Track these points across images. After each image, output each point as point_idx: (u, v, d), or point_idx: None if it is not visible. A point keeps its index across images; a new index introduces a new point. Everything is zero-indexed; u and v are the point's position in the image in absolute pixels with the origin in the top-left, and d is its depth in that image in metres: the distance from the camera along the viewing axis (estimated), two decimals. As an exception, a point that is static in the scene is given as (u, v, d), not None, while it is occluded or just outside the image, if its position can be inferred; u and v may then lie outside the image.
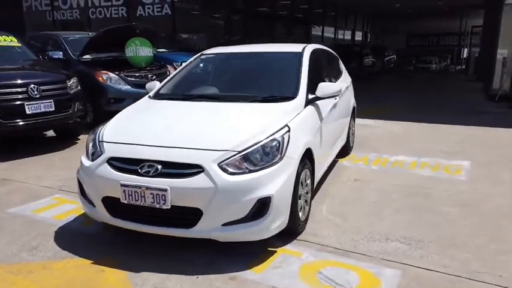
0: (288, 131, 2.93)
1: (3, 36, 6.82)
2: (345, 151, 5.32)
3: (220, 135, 2.84)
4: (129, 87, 7.21)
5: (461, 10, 22.56)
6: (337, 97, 4.26)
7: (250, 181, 2.61)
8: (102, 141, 2.99)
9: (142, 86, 4.56)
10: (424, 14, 24.41)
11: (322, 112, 3.68)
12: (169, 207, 2.61)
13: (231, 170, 2.63)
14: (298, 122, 3.14)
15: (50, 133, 6.71)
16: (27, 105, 5.49)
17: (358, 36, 24.38)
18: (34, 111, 5.55)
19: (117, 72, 7.33)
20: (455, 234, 3.17)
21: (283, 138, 2.85)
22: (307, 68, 3.72)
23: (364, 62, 17.06)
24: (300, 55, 3.86)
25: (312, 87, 3.57)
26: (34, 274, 2.63)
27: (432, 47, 40.26)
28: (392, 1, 18.56)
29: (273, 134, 2.83)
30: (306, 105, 3.41)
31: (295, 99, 3.33)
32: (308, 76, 3.65)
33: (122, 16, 13.39)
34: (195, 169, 2.62)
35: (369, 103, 10.17)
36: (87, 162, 2.97)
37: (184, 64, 4.26)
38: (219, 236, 2.68)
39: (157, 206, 2.63)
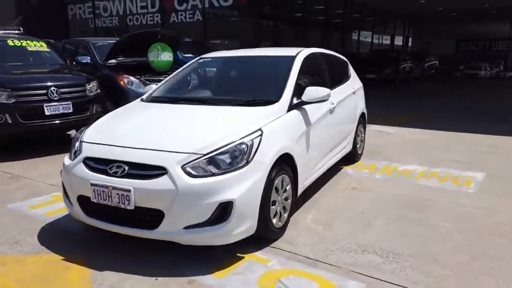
0: (261, 135, 2.88)
1: (34, 42, 7.26)
2: (351, 158, 5.17)
3: (188, 137, 2.84)
4: (149, 91, 7.41)
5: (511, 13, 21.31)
6: (334, 102, 4.16)
7: (212, 184, 2.59)
8: (82, 141, 3.09)
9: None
10: (470, 17, 23.28)
11: (311, 117, 3.59)
12: (133, 207, 2.65)
13: (194, 172, 2.62)
14: (275, 126, 3.09)
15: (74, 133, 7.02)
16: (46, 106, 5.78)
17: (399, 41, 23.63)
18: (53, 113, 5.84)
19: (138, 76, 7.59)
20: (439, 249, 2.97)
21: (253, 142, 2.81)
22: (297, 72, 3.65)
23: (400, 67, 16.50)
24: (291, 59, 3.79)
25: (300, 92, 3.50)
26: (5, 267, 2.75)
27: (483, 52, 38.26)
28: (434, 4, 17.85)
29: (243, 138, 2.80)
30: (289, 110, 3.34)
31: (276, 103, 3.27)
32: (297, 80, 3.58)
33: (157, 22, 13.83)
34: (159, 171, 2.64)
35: (395, 110, 9.87)
36: (67, 161, 3.08)
37: (182, 67, 4.31)
38: (181, 239, 2.67)
39: (123, 206, 2.67)
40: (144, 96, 3.92)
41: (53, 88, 5.87)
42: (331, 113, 4.10)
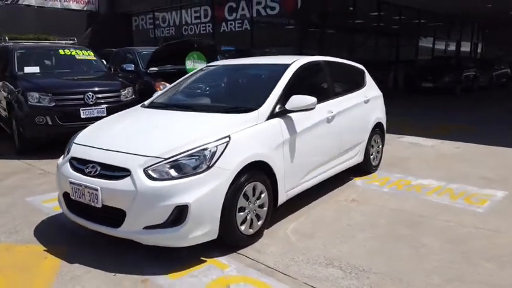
0: (228, 141, 2.93)
1: (83, 51, 7.93)
2: (364, 170, 5.00)
3: (155, 142, 2.97)
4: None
5: None
6: (334, 111, 4.07)
7: (169, 188, 2.69)
8: (73, 143, 3.36)
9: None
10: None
11: (298, 125, 3.55)
12: (100, 206, 2.83)
13: (155, 175, 2.74)
14: (248, 133, 3.12)
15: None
16: (82, 110, 6.28)
17: (467, 47, 22.09)
18: (88, 116, 6.32)
19: (174, 83, 7.95)
20: (411, 269, 2.80)
21: (217, 148, 2.86)
22: (286, 81, 3.64)
23: (462, 75, 15.43)
24: (284, 68, 3.79)
25: (288, 100, 3.48)
26: (3, 253, 3.06)
27: None
28: (503, 8, 16.52)
29: (207, 144, 2.87)
30: (270, 118, 3.35)
31: (255, 111, 3.29)
32: (288, 89, 3.57)
33: (208, 32, 14.35)
34: (124, 172, 2.79)
35: (441, 121, 9.27)
36: (59, 160, 3.36)
37: (187, 75, 4.49)
38: (141, 239, 2.80)
39: (92, 204, 2.87)
40: (145, 102, 4.14)
41: (89, 93, 6.36)
42: (328, 122, 4.01)
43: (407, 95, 15.17)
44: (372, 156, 5.07)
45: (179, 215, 2.70)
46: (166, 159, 2.78)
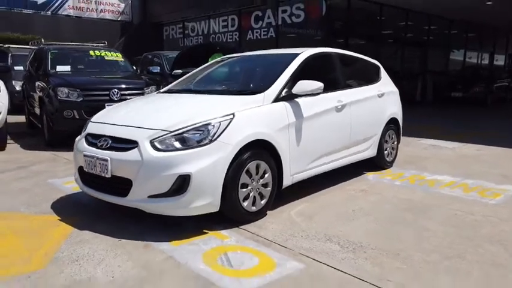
0: (232, 118, 3.04)
1: (112, 53, 8.33)
2: (378, 165, 4.98)
3: (162, 117, 3.12)
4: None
5: None
6: (344, 101, 4.11)
7: (173, 158, 2.82)
8: (90, 121, 3.56)
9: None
10: None
11: (305, 110, 3.62)
12: (109, 176, 2.98)
13: (160, 147, 2.88)
14: (252, 113, 3.22)
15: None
16: (107, 105, 6.55)
17: (501, 59, 21.45)
18: (112, 111, 6.61)
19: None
20: (410, 247, 2.78)
21: (220, 123, 2.98)
22: (294, 68, 3.72)
23: (493, 86, 15.00)
24: (293, 56, 3.88)
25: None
26: (13, 221, 3.26)
27: None
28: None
29: (211, 119, 2.99)
30: (276, 101, 3.44)
31: (261, 93, 3.39)
32: (293, 75, 3.66)
33: (235, 40, 14.66)
34: (132, 144, 2.95)
35: (462, 128, 9.04)
36: (77, 138, 3.56)
37: (203, 66, 4.67)
38: (146, 207, 2.92)
39: (102, 174, 3.03)
40: (161, 89, 4.32)
41: (114, 90, 6.64)
42: (338, 111, 4.06)
43: (435, 105, 14.88)
44: (386, 152, 5.04)
45: (181, 184, 2.81)
46: (171, 132, 2.91)
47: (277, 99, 3.45)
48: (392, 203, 3.75)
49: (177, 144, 2.88)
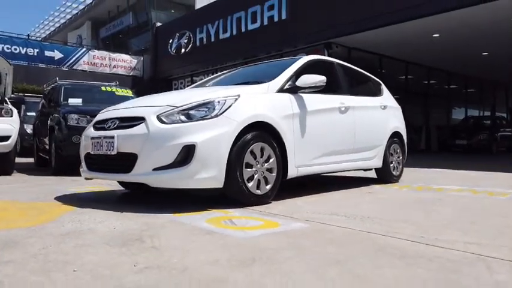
0: (237, 98, 3.12)
1: (122, 89, 8.68)
2: (385, 179, 4.95)
3: (171, 98, 3.22)
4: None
5: None
6: (346, 103, 4.20)
7: (179, 128, 2.86)
8: (99, 113, 3.65)
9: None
10: None
11: (308, 104, 3.70)
12: (115, 153, 3.01)
13: (167, 121, 2.93)
14: (257, 97, 3.31)
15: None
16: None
17: (503, 111, 21.80)
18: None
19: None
20: (419, 218, 2.71)
21: (226, 100, 3.06)
22: (298, 66, 3.87)
23: (497, 134, 15.12)
24: (297, 59, 4.06)
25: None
26: (19, 204, 3.25)
27: None
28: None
29: (218, 98, 3.07)
30: (280, 92, 3.54)
31: (265, 83, 3.51)
32: (296, 72, 3.79)
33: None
34: (139, 121, 3.01)
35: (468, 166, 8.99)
36: (86, 129, 3.63)
37: (214, 75, 4.86)
38: (150, 180, 2.91)
39: (109, 152, 3.06)
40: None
41: (123, 118, 6.82)
42: (341, 113, 4.13)
43: (439, 154, 14.91)
44: (392, 165, 5.03)
45: (186, 155, 2.82)
46: (178, 107, 2.98)
47: (281, 90, 3.56)
48: (398, 199, 3.69)
49: (183, 118, 2.94)
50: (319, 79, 3.63)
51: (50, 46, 17.41)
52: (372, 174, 5.11)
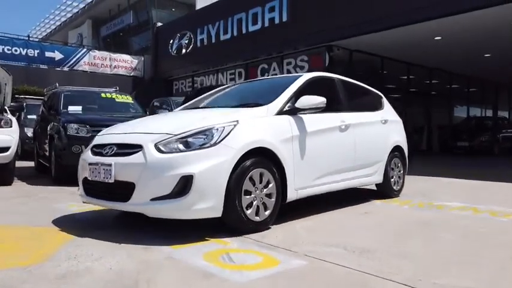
0: (236, 124, 3.09)
1: (122, 95, 8.64)
2: (385, 193, 4.92)
3: (168, 124, 3.18)
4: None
5: None
6: (347, 121, 4.16)
7: (176, 159, 2.83)
8: (97, 136, 3.63)
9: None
10: None
11: (308, 126, 3.66)
12: (112, 181, 2.98)
13: (164, 149, 2.90)
14: (256, 122, 3.27)
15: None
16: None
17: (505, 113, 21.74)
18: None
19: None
20: (420, 250, 2.68)
21: (224, 128, 3.02)
22: (297, 86, 3.82)
23: (499, 135, 15.07)
24: (297, 77, 4.01)
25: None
26: (15, 230, 3.23)
27: None
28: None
29: (216, 124, 3.03)
30: (279, 114, 3.50)
31: (264, 106, 3.47)
32: (296, 92, 3.75)
33: (242, 91, 15.10)
34: (137, 148, 2.98)
35: (469, 170, 8.96)
36: (83, 153, 3.60)
37: (212, 90, 4.81)
38: (148, 210, 2.88)
39: (106, 180, 3.03)
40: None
41: (123, 127, 6.80)
42: (341, 131, 4.10)
43: (440, 155, 14.86)
44: (392, 180, 4.99)
45: (184, 185, 2.79)
46: (176, 135, 2.95)
47: (281, 112, 3.52)
48: (399, 219, 3.68)
49: (181, 147, 2.91)
50: (319, 101, 3.59)
51: (51, 47, 17.35)
52: (372, 185, 5.08)
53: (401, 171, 5.23)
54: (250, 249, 2.69)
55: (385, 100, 5.31)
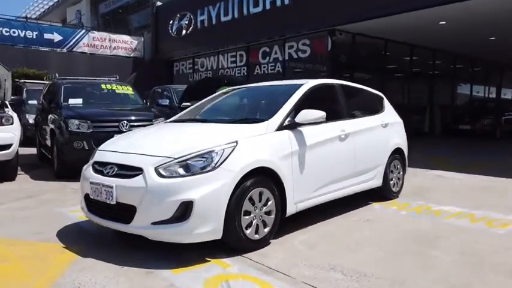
0: (235, 146, 3.10)
1: (122, 86, 8.59)
2: (384, 196, 4.96)
3: (167, 145, 3.20)
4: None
5: None
6: (346, 130, 4.16)
7: (176, 184, 2.86)
8: (97, 150, 3.64)
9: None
10: None
11: (308, 139, 3.66)
12: (114, 203, 3.03)
13: (164, 173, 2.93)
14: (255, 141, 3.28)
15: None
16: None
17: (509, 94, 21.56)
18: (121, 143, 6.73)
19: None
20: (416, 276, 2.74)
21: (224, 150, 3.03)
22: (297, 98, 3.81)
23: (501, 118, 14.99)
24: (296, 87, 3.98)
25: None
26: (19, 247, 3.30)
27: None
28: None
29: (215, 147, 3.05)
30: (279, 129, 3.50)
31: (264, 122, 3.47)
32: (295, 105, 3.74)
33: (243, 75, 14.98)
34: (137, 171, 3.00)
35: (471, 159, 8.97)
36: (84, 167, 3.63)
37: (210, 96, 4.78)
38: (149, 234, 2.94)
39: (108, 201, 3.07)
40: (169, 120, 4.43)
41: (124, 121, 6.79)
42: (341, 140, 4.10)
43: (442, 138, 14.86)
44: (391, 182, 5.03)
45: (184, 211, 2.84)
46: (176, 159, 2.97)
47: (281, 127, 3.52)
48: (397, 233, 3.72)
49: (181, 171, 2.93)
50: (318, 115, 3.59)
51: (49, 28, 17.07)
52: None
53: (401, 173, 5.26)
54: (249, 274, 2.75)
55: (386, 101, 5.28)
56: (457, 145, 12.52)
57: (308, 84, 4.07)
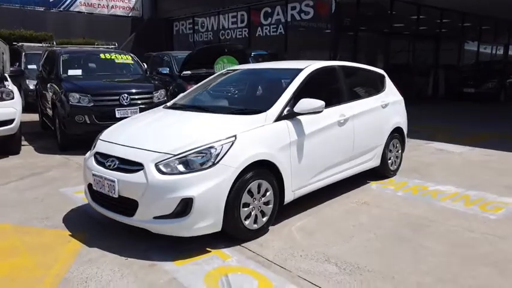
0: (233, 140, 3.14)
1: (121, 55, 8.46)
2: (381, 174, 5.05)
3: (167, 139, 3.24)
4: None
5: None
6: (346, 114, 4.17)
7: (177, 182, 2.93)
8: (99, 139, 3.69)
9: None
10: None
11: (307, 128, 3.69)
12: (117, 196, 3.12)
13: (164, 170, 2.99)
14: (254, 133, 3.30)
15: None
16: (117, 110, 6.71)
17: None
18: (122, 116, 6.71)
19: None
20: (407, 269, 2.87)
21: (222, 146, 3.08)
22: (297, 85, 3.79)
23: (506, 81, 14.78)
24: (296, 72, 3.94)
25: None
26: (27, 235, 3.44)
27: None
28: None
29: (214, 142, 3.09)
30: (278, 120, 3.52)
31: (263, 113, 3.47)
32: (295, 92, 3.73)
33: (244, 36, 14.67)
34: (138, 166, 3.07)
35: (474, 128, 8.97)
36: (87, 155, 3.69)
37: (208, 78, 4.74)
38: (151, 227, 3.05)
39: (110, 194, 3.16)
40: (168, 103, 4.43)
41: (124, 95, 6.79)
42: (340, 125, 4.12)
43: (446, 101, 14.76)
44: (389, 161, 5.09)
45: (184, 207, 2.93)
46: (175, 155, 3.02)
47: (279, 118, 3.53)
48: (393, 218, 3.82)
49: (181, 168, 2.99)
50: (317, 105, 3.59)
51: (45, -14, 16.55)
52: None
53: (399, 151, 5.31)
54: (248, 267, 2.89)
55: (387, 79, 5.23)
56: (460, 111, 12.47)
57: (308, 69, 4.02)
